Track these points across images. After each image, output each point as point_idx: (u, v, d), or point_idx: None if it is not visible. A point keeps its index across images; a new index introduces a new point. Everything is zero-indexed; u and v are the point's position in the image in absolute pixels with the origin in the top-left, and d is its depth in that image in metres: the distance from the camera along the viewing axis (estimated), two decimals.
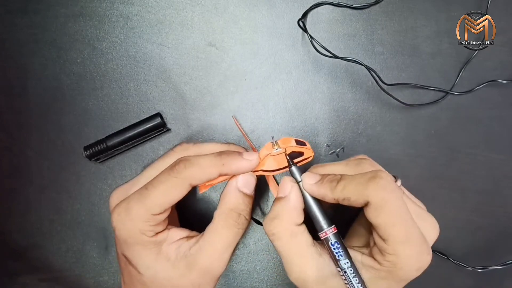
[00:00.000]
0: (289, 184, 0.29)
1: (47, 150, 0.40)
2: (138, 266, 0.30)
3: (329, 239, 0.28)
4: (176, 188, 0.29)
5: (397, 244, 0.26)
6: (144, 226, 0.29)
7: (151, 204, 0.29)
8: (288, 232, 0.28)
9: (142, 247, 0.30)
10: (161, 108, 0.40)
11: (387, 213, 0.26)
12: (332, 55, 0.37)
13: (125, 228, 0.29)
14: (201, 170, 0.29)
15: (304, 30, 0.39)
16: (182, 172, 0.29)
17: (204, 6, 0.40)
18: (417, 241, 0.26)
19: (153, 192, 0.29)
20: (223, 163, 0.29)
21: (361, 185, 0.27)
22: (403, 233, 0.26)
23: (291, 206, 0.29)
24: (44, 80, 0.40)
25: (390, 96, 0.38)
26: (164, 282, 0.30)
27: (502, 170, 0.41)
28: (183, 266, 0.30)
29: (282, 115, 0.40)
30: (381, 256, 0.27)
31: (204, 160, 0.29)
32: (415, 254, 0.26)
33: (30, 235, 0.41)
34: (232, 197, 0.30)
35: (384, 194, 0.26)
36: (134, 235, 0.29)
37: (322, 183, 0.29)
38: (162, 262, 0.30)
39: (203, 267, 0.30)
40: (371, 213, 0.26)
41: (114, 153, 0.39)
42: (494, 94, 0.41)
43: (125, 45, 0.40)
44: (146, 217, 0.29)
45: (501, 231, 0.41)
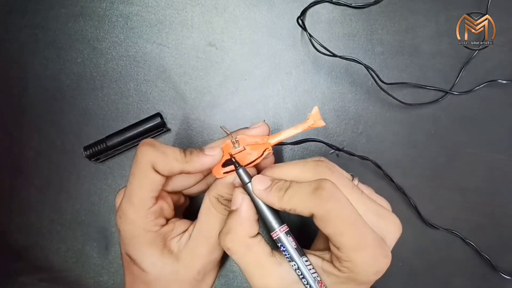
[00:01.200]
0: (239, 196, 0.29)
1: (47, 150, 0.40)
2: (142, 264, 0.30)
3: (278, 241, 0.28)
4: (147, 175, 0.29)
5: (350, 251, 0.25)
6: (146, 223, 0.29)
7: (137, 200, 0.29)
8: (243, 245, 0.28)
9: (148, 245, 0.30)
10: (161, 108, 0.40)
11: (333, 223, 0.25)
12: (331, 54, 0.37)
13: (128, 230, 0.30)
14: (166, 159, 0.28)
15: (303, 28, 0.39)
16: (145, 156, 0.28)
17: (204, 6, 0.40)
18: (371, 246, 0.26)
19: (132, 189, 0.29)
20: (187, 161, 0.29)
21: (305, 196, 0.26)
22: (354, 240, 0.25)
23: (243, 219, 0.28)
24: (44, 80, 0.40)
25: (390, 96, 0.38)
26: (169, 276, 0.30)
27: (502, 170, 0.41)
28: (186, 256, 0.30)
29: (282, 115, 0.40)
30: (338, 262, 0.27)
31: (170, 150, 0.29)
32: (371, 258, 0.26)
33: (30, 235, 0.41)
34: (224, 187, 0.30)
35: (328, 205, 0.25)
36: (139, 234, 0.30)
37: (271, 191, 0.28)
38: (166, 258, 0.30)
39: (204, 253, 0.30)
40: (318, 224, 0.26)
41: (114, 153, 0.39)
42: (494, 94, 0.41)
43: (125, 45, 0.40)
44: (142, 214, 0.29)
45: (501, 231, 0.41)
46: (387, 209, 0.29)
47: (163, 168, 0.29)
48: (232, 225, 0.28)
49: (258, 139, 0.30)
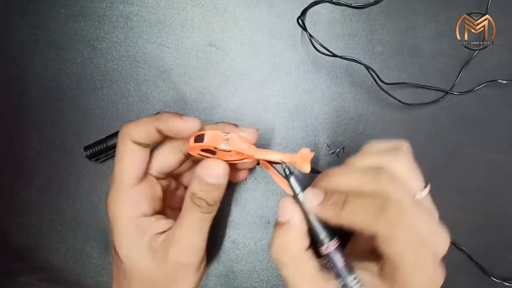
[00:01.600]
0: (289, 208, 0.27)
1: (47, 150, 0.40)
2: (120, 252, 0.30)
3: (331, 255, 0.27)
4: (126, 152, 0.30)
5: (408, 274, 0.25)
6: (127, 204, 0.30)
7: (118, 179, 0.30)
8: (296, 260, 0.27)
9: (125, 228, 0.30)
10: (161, 108, 0.40)
11: (397, 246, 0.24)
12: (331, 54, 0.37)
13: (110, 210, 0.30)
14: (138, 125, 0.30)
15: (303, 28, 0.39)
16: (122, 133, 0.30)
17: (204, 6, 0.40)
18: (429, 269, 0.25)
19: (115, 169, 0.30)
20: (157, 119, 0.29)
21: (369, 215, 0.24)
22: (414, 263, 0.24)
23: (296, 233, 0.27)
24: (44, 80, 0.40)
25: (389, 96, 0.38)
26: (142, 273, 0.30)
27: (502, 170, 0.41)
28: (159, 257, 0.30)
29: (282, 115, 0.40)
30: (391, 280, 0.25)
31: (141, 119, 0.30)
32: (428, 281, 0.25)
33: (30, 235, 0.41)
34: (196, 183, 0.29)
35: (395, 228, 0.24)
36: (116, 218, 0.30)
37: (326, 205, 0.26)
38: (141, 252, 0.30)
39: (173, 256, 0.29)
40: (379, 245, 0.25)
41: (114, 153, 0.39)
42: (494, 94, 0.41)
43: (125, 45, 0.40)
44: (124, 193, 0.30)
45: (501, 231, 0.41)
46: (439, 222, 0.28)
47: (138, 134, 0.29)
48: (285, 240, 0.27)
49: (245, 147, 0.29)
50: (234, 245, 0.41)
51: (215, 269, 0.41)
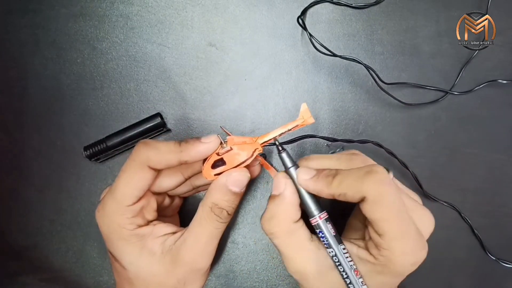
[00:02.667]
0: (283, 181, 0.29)
1: (47, 150, 0.40)
2: (122, 261, 0.30)
3: (317, 227, 0.29)
4: (137, 173, 0.29)
5: (392, 239, 0.26)
6: (121, 220, 0.29)
7: (120, 195, 0.29)
8: (286, 230, 0.28)
9: (125, 241, 0.30)
10: (161, 108, 0.40)
11: (383, 208, 0.26)
12: (331, 53, 0.37)
13: (104, 224, 0.30)
14: (159, 154, 0.29)
15: (303, 28, 0.39)
16: (140, 155, 0.29)
17: (204, 6, 0.40)
18: (412, 237, 0.26)
19: (118, 183, 0.29)
20: (181, 150, 0.29)
21: (357, 180, 0.26)
22: (398, 229, 0.26)
23: (287, 204, 0.29)
24: (44, 80, 0.40)
25: (389, 95, 0.38)
26: (148, 277, 0.30)
27: (502, 170, 0.41)
28: (168, 261, 0.30)
29: (282, 115, 0.40)
30: (376, 250, 0.27)
31: (163, 145, 0.29)
32: (410, 249, 0.26)
33: (30, 235, 0.41)
34: (218, 193, 0.30)
35: (381, 188, 0.26)
36: (114, 230, 0.30)
37: (318, 178, 0.28)
38: (146, 257, 0.30)
39: (187, 261, 0.30)
40: (367, 208, 0.26)
41: (114, 153, 0.39)
42: (494, 94, 0.41)
43: (125, 45, 0.40)
44: (121, 210, 0.29)
45: (501, 231, 0.41)
46: (420, 203, 0.30)
47: (158, 162, 0.29)
48: (276, 210, 0.29)
49: (246, 139, 0.30)
50: (234, 245, 0.41)
51: (215, 269, 0.41)
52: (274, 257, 0.41)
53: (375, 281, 0.27)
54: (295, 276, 0.29)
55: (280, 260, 0.41)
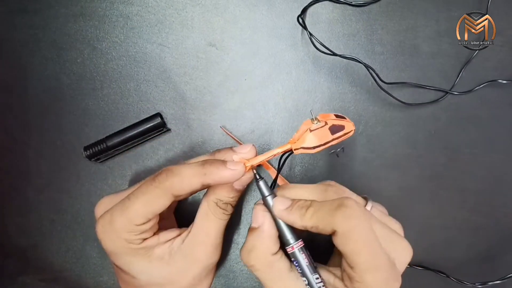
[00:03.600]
0: (261, 214, 0.30)
1: (47, 150, 0.40)
2: (131, 272, 0.30)
3: (292, 256, 0.29)
4: (158, 199, 0.28)
5: (363, 272, 0.26)
6: (130, 236, 0.29)
7: (134, 215, 0.28)
8: (265, 262, 0.29)
9: (132, 256, 0.30)
10: (161, 108, 0.40)
11: (353, 241, 0.26)
12: (331, 53, 0.37)
13: (110, 240, 0.29)
14: (183, 181, 0.28)
15: (303, 27, 0.38)
16: (163, 182, 0.28)
17: (204, 6, 0.40)
18: (384, 269, 0.26)
19: (134, 203, 0.28)
20: (205, 173, 0.28)
21: (328, 213, 0.27)
22: (369, 261, 0.26)
23: (265, 237, 0.29)
24: (44, 80, 0.40)
25: (389, 95, 0.38)
26: (161, 281, 0.30)
27: (502, 170, 0.41)
28: (180, 260, 0.30)
29: (282, 115, 0.40)
30: (349, 282, 0.27)
31: (186, 169, 0.28)
32: (383, 281, 0.26)
33: (30, 235, 0.41)
34: (223, 190, 0.30)
35: (350, 223, 0.26)
36: (121, 246, 0.29)
37: (292, 210, 0.28)
38: (156, 265, 0.30)
39: (200, 256, 0.30)
40: (338, 241, 0.26)
41: (114, 153, 0.39)
42: (494, 94, 0.41)
43: (125, 45, 0.40)
44: (130, 227, 0.29)
45: (501, 231, 0.41)
46: (398, 233, 0.30)
47: (181, 190, 0.28)
48: (255, 243, 0.29)
49: None
50: (234, 245, 0.41)
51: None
52: None
53: None
54: None
55: None
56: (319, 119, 0.29)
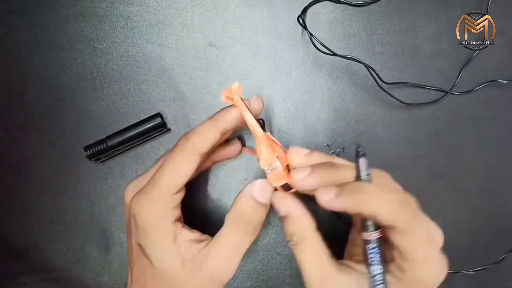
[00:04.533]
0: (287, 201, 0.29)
1: (47, 150, 0.40)
2: (151, 256, 0.30)
3: (371, 242, 0.28)
4: (186, 161, 0.30)
5: (419, 265, 0.26)
6: (165, 209, 0.30)
7: (167, 184, 0.29)
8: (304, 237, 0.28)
9: (160, 233, 0.30)
10: (161, 108, 0.40)
11: (413, 238, 0.26)
12: (331, 53, 0.37)
13: (145, 211, 0.30)
14: (202, 136, 0.30)
15: (303, 27, 0.39)
16: (186, 145, 0.30)
17: (204, 6, 0.40)
18: (437, 260, 0.27)
19: (165, 172, 0.30)
20: (218, 120, 0.30)
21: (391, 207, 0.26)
22: (425, 255, 0.26)
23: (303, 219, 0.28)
24: (44, 80, 0.40)
25: (389, 95, 0.38)
26: (171, 278, 0.30)
27: (502, 170, 0.41)
28: (189, 269, 0.30)
29: (282, 115, 0.40)
30: (401, 273, 0.27)
31: (201, 126, 0.31)
32: (436, 271, 0.27)
33: (30, 235, 0.41)
34: (244, 204, 0.30)
35: (414, 221, 0.26)
36: (155, 218, 0.30)
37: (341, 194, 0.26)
38: (173, 258, 0.30)
39: (209, 271, 0.30)
40: (395, 236, 0.26)
41: (114, 153, 0.39)
42: (494, 94, 0.41)
43: (125, 45, 0.40)
44: (165, 198, 0.29)
45: (501, 231, 0.41)
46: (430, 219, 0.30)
47: (205, 145, 0.30)
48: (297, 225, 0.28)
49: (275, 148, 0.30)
50: None
51: None
52: (274, 257, 0.41)
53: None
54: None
55: (280, 261, 0.41)
56: None
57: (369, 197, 0.26)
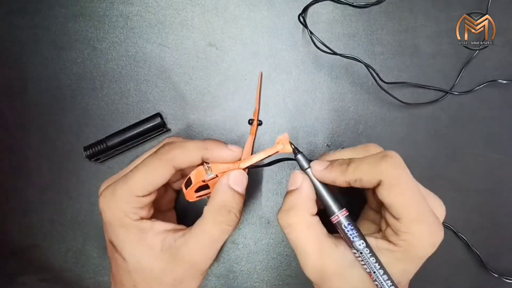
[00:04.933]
0: (299, 176, 0.30)
1: (47, 150, 0.40)
2: (122, 251, 0.30)
3: (341, 222, 0.28)
4: (159, 169, 0.29)
5: (411, 222, 0.26)
6: (127, 208, 0.29)
7: (135, 185, 0.29)
8: (305, 222, 0.28)
9: (126, 230, 0.30)
10: (161, 108, 0.40)
11: (400, 191, 0.26)
12: (331, 52, 0.37)
13: (109, 209, 0.30)
14: (185, 152, 0.29)
15: (304, 25, 0.38)
16: (165, 154, 0.29)
17: (204, 6, 0.40)
18: (429, 218, 0.27)
19: (136, 174, 0.29)
20: (206, 148, 0.30)
21: (373, 164, 0.27)
22: (416, 211, 0.26)
23: (304, 196, 0.29)
24: (44, 80, 0.40)
25: (389, 95, 0.38)
26: (147, 272, 0.30)
27: (502, 170, 0.41)
28: (167, 258, 0.30)
29: (282, 115, 0.40)
30: (395, 236, 0.27)
31: (188, 143, 0.30)
32: (429, 230, 0.27)
33: (30, 235, 0.41)
34: (223, 194, 0.30)
35: (397, 172, 0.26)
36: (118, 216, 0.30)
37: (332, 167, 0.28)
38: (145, 251, 0.30)
39: (187, 260, 0.30)
40: (384, 192, 0.26)
41: (114, 153, 0.39)
42: (494, 94, 0.41)
43: (125, 45, 0.40)
44: (130, 198, 0.29)
45: (501, 231, 0.41)
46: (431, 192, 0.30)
47: (183, 162, 0.29)
48: (294, 203, 0.29)
49: (229, 165, 0.31)
50: (234, 245, 0.41)
51: (215, 269, 0.41)
52: (274, 257, 0.41)
53: (396, 270, 0.27)
54: (313, 275, 0.29)
55: (280, 261, 0.41)
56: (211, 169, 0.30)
57: (352, 166, 0.27)
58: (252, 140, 0.35)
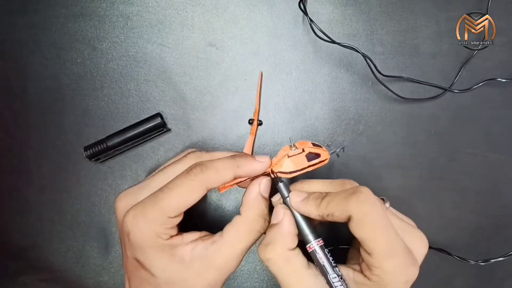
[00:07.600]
0: (281, 211, 0.30)
1: (47, 150, 0.40)
2: (152, 269, 0.30)
3: (315, 252, 0.29)
4: (193, 191, 0.29)
5: (381, 257, 0.26)
6: (160, 229, 0.29)
7: (168, 206, 0.29)
8: (282, 257, 0.29)
9: (157, 250, 0.30)
10: (161, 108, 0.40)
11: (368, 226, 0.26)
12: (330, 40, 0.36)
13: (139, 231, 0.29)
14: (217, 173, 0.30)
15: (304, 13, 0.38)
16: (199, 175, 0.29)
17: (204, 6, 0.40)
18: (401, 254, 0.27)
19: (169, 195, 0.29)
20: (237, 165, 0.30)
21: (343, 200, 0.27)
22: (386, 246, 0.26)
23: (284, 232, 0.30)
24: (44, 80, 0.40)
25: (387, 89, 0.38)
26: (178, 282, 0.30)
27: (502, 170, 0.41)
28: (198, 266, 0.30)
29: (282, 115, 0.40)
30: (369, 271, 0.27)
31: (219, 163, 0.30)
32: (401, 267, 0.27)
33: (30, 235, 0.41)
34: (259, 204, 0.31)
35: (365, 207, 0.26)
36: (150, 238, 0.29)
37: (308, 201, 0.30)
38: (176, 265, 0.30)
39: (220, 267, 0.30)
40: (354, 227, 0.27)
41: (114, 153, 0.39)
42: (494, 93, 0.41)
43: (125, 45, 0.40)
44: (163, 219, 0.29)
45: (501, 231, 0.41)
46: (414, 227, 0.30)
47: (216, 183, 0.30)
48: (273, 238, 0.30)
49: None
50: None
51: None
52: None
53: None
54: None
55: None
56: (297, 146, 0.32)
57: (326, 200, 0.28)
58: (252, 140, 0.35)
